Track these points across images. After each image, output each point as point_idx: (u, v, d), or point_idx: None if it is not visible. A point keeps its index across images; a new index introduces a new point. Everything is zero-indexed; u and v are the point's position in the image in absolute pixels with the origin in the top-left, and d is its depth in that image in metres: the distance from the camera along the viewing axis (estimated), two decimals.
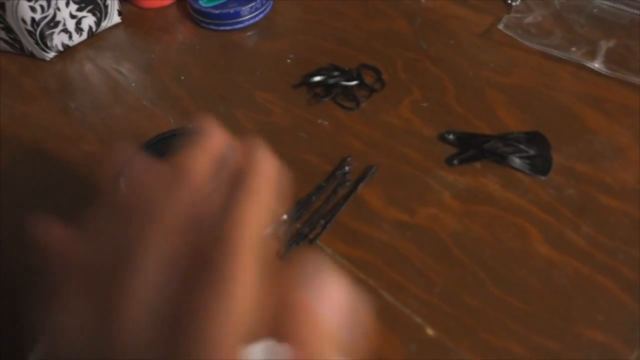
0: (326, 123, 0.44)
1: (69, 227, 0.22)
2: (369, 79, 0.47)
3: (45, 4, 0.49)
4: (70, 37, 0.53)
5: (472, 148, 0.41)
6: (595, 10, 0.53)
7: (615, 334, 0.32)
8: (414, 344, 0.32)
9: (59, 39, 0.52)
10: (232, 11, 0.52)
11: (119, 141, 0.39)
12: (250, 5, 0.52)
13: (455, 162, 0.40)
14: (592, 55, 0.48)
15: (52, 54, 0.52)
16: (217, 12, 0.52)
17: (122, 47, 0.54)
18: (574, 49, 0.49)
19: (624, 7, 0.52)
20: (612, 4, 0.52)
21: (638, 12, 0.51)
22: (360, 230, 0.37)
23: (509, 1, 0.55)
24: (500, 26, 0.51)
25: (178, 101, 0.48)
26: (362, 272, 0.35)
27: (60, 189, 0.42)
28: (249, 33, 0.54)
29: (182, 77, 0.50)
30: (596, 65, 0.47)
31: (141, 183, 0.22)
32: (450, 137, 0.42)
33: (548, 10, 0.53)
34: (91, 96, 0.49)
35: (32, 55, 0.52)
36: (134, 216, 0.20)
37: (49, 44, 0.51)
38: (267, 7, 0.55)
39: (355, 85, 0.46)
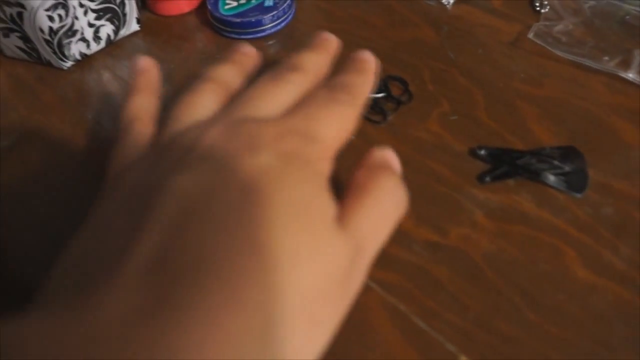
0: (354, 137, 0.43)
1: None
2: (395, 90, 0.46)
3: (63, 13, 0.48)
4: (88, 46, 0.52)
5: (504, 164, 0.39)
6: (627, 17, 0.51)
7: None
8: None
9: (76, 48, 0.51)
10: (253, 20, 0.51)
11: None
12: (272, 13, 0.51)
13: (488, 179, 0.39)
14: (626, 65, 0.46)
15: (69, 63, 0.51)
16: (239, 20, 0.51)
17: (141, 55, 0.53)
18: (606, 58, 0.47)
19: None
20: None
21: None
22: (390, 252, 0.36)
23: (538, 8, 0.53)
24: (530, 35, 0.49)
25: None
26: (393, 296, 0.34)
27: (76, 202, 0.41)
28: (271, 42, 0.52)
29: None
30: (630, 75, 0.46)
31: None
32: (482, 152, 0.40)
33: (578, 17, 0.51)
34: (109, 107, 0.48)
35: (49, 64, 0.52)
36: None
37: (66, 53, 0.50)
38: (289, 15, 0.53)
39: (382, 97, 0.45)
